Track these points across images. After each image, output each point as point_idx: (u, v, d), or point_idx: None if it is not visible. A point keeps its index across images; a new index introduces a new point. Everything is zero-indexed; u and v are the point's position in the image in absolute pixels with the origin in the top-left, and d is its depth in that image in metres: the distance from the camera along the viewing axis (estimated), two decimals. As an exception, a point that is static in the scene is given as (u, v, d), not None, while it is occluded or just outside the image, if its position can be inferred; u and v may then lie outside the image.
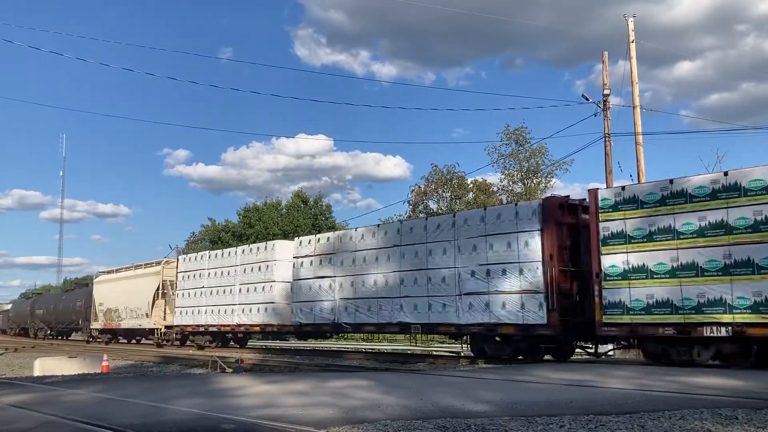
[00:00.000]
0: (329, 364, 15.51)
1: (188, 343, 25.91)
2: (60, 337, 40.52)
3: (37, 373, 16.73)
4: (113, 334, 31.85)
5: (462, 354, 17.96)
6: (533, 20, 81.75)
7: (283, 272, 21.32)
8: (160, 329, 26.60)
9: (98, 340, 32.60)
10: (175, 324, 25.62)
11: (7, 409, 7.14)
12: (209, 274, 24.21)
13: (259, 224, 51.45)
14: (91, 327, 32.87)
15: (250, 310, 21.93)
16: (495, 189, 40.93)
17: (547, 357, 15.01)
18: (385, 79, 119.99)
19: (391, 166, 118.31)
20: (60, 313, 38.78)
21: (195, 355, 19.66)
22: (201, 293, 24.39)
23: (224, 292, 23.21)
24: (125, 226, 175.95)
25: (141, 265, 30.44)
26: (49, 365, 17.46)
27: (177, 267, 26.43)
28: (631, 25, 22.62)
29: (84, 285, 42.34)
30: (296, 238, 21.44)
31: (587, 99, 23.63)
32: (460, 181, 40.48)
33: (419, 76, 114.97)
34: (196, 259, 25.49)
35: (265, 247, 22.40)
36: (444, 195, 41.60)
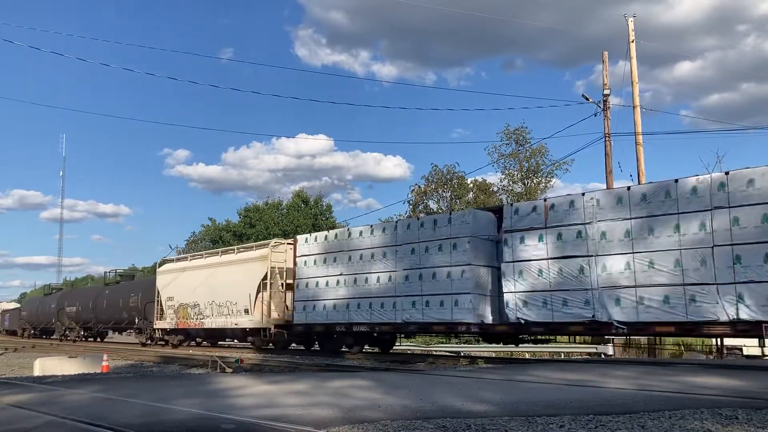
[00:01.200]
0: (329, 364, 15.51)
1: (316, 346, 21.41)
2: (96, 339, 36.23)
3: (37, 373, 16.72)
4: (187, 335, 26.11)
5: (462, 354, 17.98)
6: (533, 20, 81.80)
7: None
8: (269, 329, 20.61)
9: (163, 341, 26.91)
10: (295, 322, 19.57)
11: (7, 409, 7.13)
12: (351, 257, 17.94)
13: (260, 224, 51.49)
14: (155, 326, 26.81)
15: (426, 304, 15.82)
16: (495, 189, 40.94)
17: (545, 357, 15.07)
18: (385, 79, 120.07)
19: (392, 166, 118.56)
20: (103, 311, 32.75)
21: (195, 355, 19.65)
22: (343, 281, 18.07)
23: (379, 280, 17.04)
24: (125, 226, 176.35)
25: (233, 250, 24.22)
26: (49, 365, 17.46)
27: (295, 250, 19.98)
28: (631, 25, 22.64)
29: (129, 277, 37.12)
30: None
31: (587, 99, 23.66)
32: (460, 181, 40.49)
33: (420, 76, 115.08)
34: (326, 239, 18.96)
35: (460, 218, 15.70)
36: (444, 195, 41.61)
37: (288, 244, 21.29)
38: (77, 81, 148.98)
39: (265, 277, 20.71)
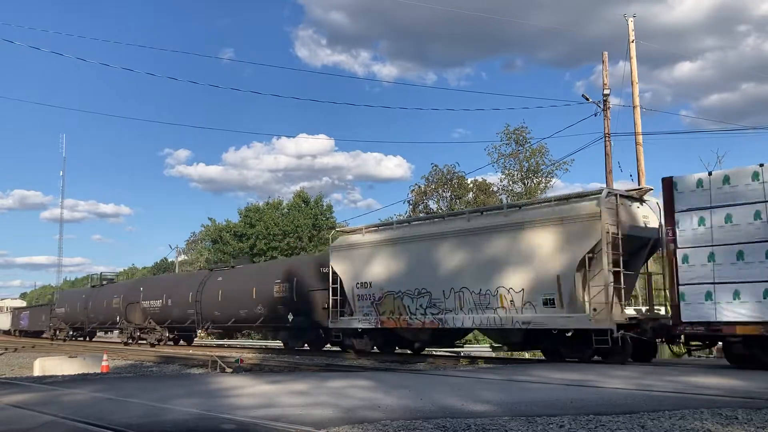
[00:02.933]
0: (329, 363, 15.51)
1: None
2: (182, 343, 29.12)
3: (37, 373, 16.73)
4: (391, 338, 17.77)
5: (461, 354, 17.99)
6: (534, 21, 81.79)
7: None
8: (610, 331, 12.54)
9: (362, 348, 18.05)
10: (693, 320, 11.51)
11: (7, 409, 7.13)
12: None
13: (260, 224, 51.49)
14: (331, 326, 18.41)
15: None
16: (495, 189, 40.98)
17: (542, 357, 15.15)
18: (385, 79, 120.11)
19: (392, 166, 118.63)
20: (218, 304, 24.16)
21: (194, 355, 19.65)
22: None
23: None
24: (126, 226, 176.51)
25: (502, 209, 15.87)
26: (48, 365, 17.46)
27: (671, 202, 12.02)
28: (631, 25, 22.63)
29: (249, 261, 30.86)
30: None
31: (587, 99, 23.66)
32: (460, 181, 40.55)
33: (420, 76, 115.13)
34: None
35: None
36: (444, 195, 41.65)
37: (634, 194, 14.40)
38: (77, 81, 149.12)
39: (592, 249, 13.13)
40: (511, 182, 40.46)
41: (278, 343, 27.98)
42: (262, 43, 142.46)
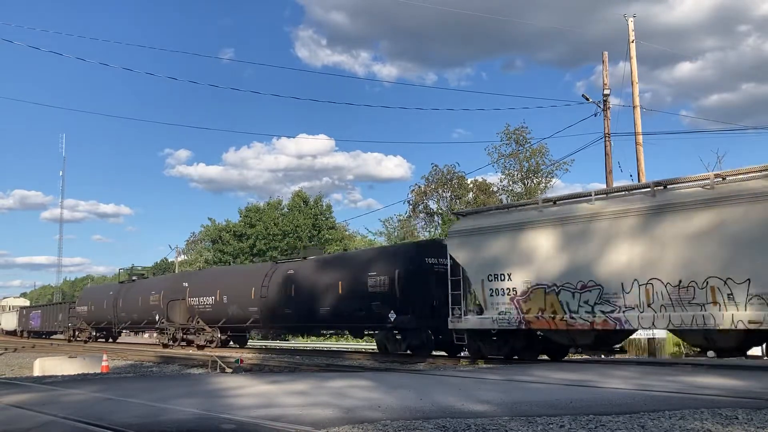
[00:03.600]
0: (329, 364, 15.52)
1: None
2: (233, 344, 25.62)
3: (36, 373, 16.74)
4: (548, 344, 14.60)
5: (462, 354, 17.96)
6: (534, 21, 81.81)
7: None
8: None
9: (493, 354, 14.92)
10: None
11: (7, 409, 7.13)
12: None
13: (260, 224, 51.51)
14: (463, 326, 14.86)
15: None
16: (495, 189, 40.98)
17: (544, 357, 15.11)
18: (386, 79, 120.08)
19: (393, 166, 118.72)
20: (290, 301, 20.73)
21: (194, 355, 19.66)
22: None
23: None
24: (126, 226, 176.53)
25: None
26: (48, 365, 17.47)
27: None
28: (631, 25, 22.64)
29: (320, 251, 26.97)
30: None
31: (587, 99, 23.68)
32: (460, 181, 40.55)
33: (420, 77, 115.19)
34: None
35: None
36: (444, 195, 41.66)
37: None
38: (77, 81, 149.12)
39: None
40: (511, 182, 40.47)
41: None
42: (263, 44, 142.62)
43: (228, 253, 51.85)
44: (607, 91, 23.02)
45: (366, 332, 20.53)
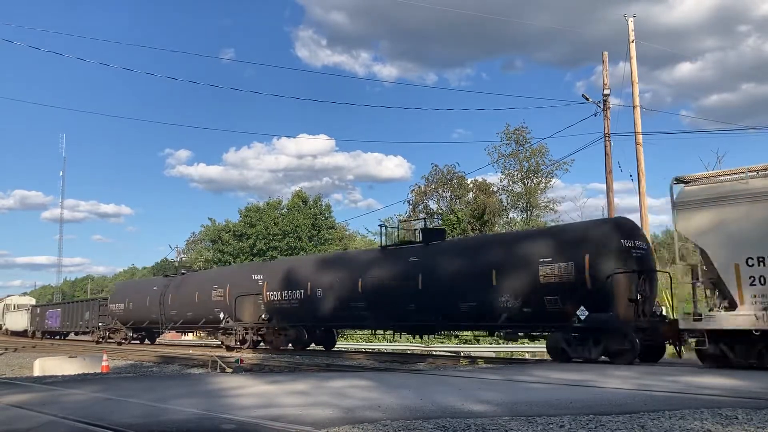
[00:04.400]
0: (329, 364, 15.51)
1: None
2: (319, 347, 22.27)
3: (36, 373, 16.74)
4: None
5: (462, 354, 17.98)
6: (534, 21, 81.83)
7: None
8: None
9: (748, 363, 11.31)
10: None
11: (7, 409, 7.13)
12: None
13: (260, 224, 51.52)
14: (708, 325, 11.48)
15: None
16: (495, 189, 40.98)
17: (545, 356, 15.10)
18: (386, 79, 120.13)
19: (393, 166, 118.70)
20: (417, 294, 16.94)
21: (194, 355, 19.65)
22: None
23: None
24: (127, 227, 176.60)
25: None
26: (48, 365, 17.46)
27: None
28: (631, 25, 22.64)
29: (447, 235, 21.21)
30: None
31: (587, 99, 23.68)
32: (460, 181, 40.54)
33: (420, 77, 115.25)
34: None
35: None
36: (444, 195, 41.65)
37: None
38: (77, 81, 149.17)
39: None
40: (511, 182, 40.47)
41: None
42: (263, 44, 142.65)
43: (228, 253, 51.85)
44: (607, 91, 23.02)
45: (534, 332, 15.79)
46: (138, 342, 30.73)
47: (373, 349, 26.59)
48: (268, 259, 46.81)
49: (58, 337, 40.90)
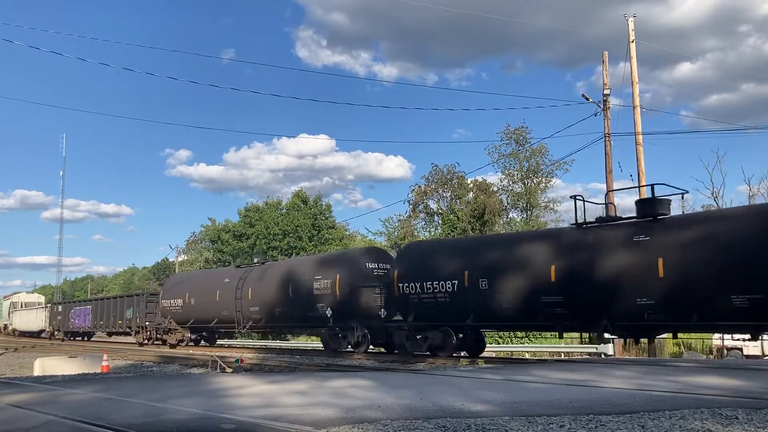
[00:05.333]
0: (329, 363, 15.50)
1: None
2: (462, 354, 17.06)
3: (37, 373, 16.75)
4: None
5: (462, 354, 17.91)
6: (534, 21, 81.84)
7: None
8: None
9: None
10: None
11: (7, 409, 7.13)
12: None
13: (260, 224, 51.52)
14: None
15: None
16: (495, 189, 40.98)
17: (545, 356, 15.07)
18: (386, 80, 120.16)
19: (393, 166, 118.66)
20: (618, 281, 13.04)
21: (194, 355, 19.64)
22: None
23: None
24: (127, 226, 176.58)
25: None
26: (48, 365, 17.47)
27: None
28: (631, 25, 22.64)
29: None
30: None
31: (587, 99, 23.68)
32: (460, 181, 40.53)
33: (421, 77, 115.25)
34: None
35: None
36: (444, 195, 41.64)
37: None
38: (77, 81, 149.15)
39: None
40: (511, 182, 40.47)
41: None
42: (263, 44, 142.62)
43: (228, 253, 51.87)
44: (607, 91, 23.02)
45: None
46: (192, 344, 26.06)
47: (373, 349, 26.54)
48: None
49: (83, 338, 36.80)
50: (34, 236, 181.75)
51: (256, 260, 25.46)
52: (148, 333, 27.99)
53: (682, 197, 14.06)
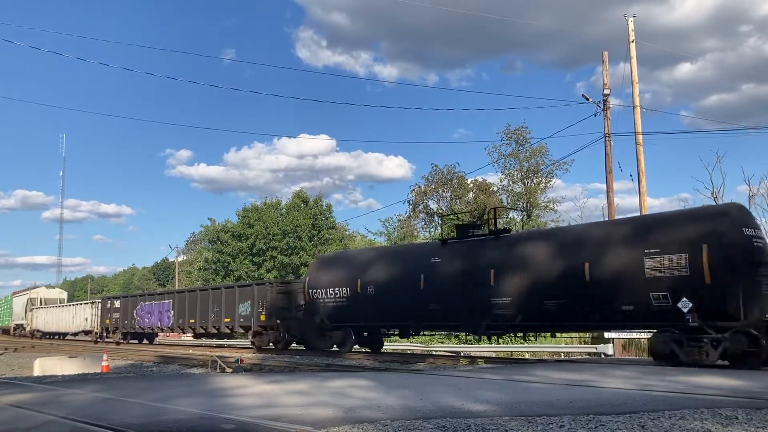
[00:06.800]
0: (329, 363, 15.50)
1: None
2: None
3: (36, 373, 16.76)
4: None
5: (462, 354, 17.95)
6: (534, 22, 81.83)
7: None
8: None
9: None
10: None
11: (7, 409, 7.13)
12: None
13: (259, 224, 51.51)
14: None
15: None
16: (495, 189, 40.97)
17: (545, 356, 15.07)
18: (387, 80, 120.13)
19: (394, 166, 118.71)
20: None
21: (194, 355, 19.64)
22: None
23: None
24: (127, 227, 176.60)
25: None
26: (48, 365, 17.48)
27: None
28: (631, 25, 22.64)
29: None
30: None
31: (587, 99, 23.68)
32: (460, 181, 40.52)
33: (421, 77, 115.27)
34: None
35: None
36: (444, 195, 41.63)
37: None
38: (77, 81, 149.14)
39: None
40: (511, 182, 40.45)
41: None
42: (264, 44, 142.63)
43: (227, 254, 51.87)
44: (607, 91, 23.02)
45: None
46: (355, 348, 19.95)
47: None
48: (268, 259, 46.24)
49: (140, 341, 30.95)
50: (35, 236, 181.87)
51: (472, 232, 17.29)
52: (280, 334, 21.55)
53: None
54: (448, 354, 22.95)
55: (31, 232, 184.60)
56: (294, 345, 22.87)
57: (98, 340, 33.42)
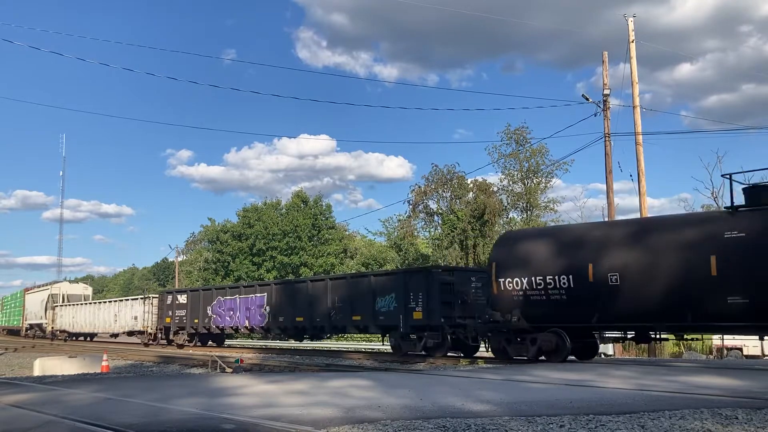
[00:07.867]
0: (329, 363, 15.50)
1: None
2: None
3: (36, 373, 16.75)
4: None
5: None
6: (534, 22, 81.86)
7: None
8: None
9: None
10: None
11: (7, 409, 7.13)
12: None
13: (259, 224, 51.51)
14: None
15: None
16: (495, 189, 40.94)
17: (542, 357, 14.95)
18: (387, 80, 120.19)
19: (394, 166, 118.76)
20: None
21: (194, 355, 19.65)
22: None
23: None
24: (128, 227, 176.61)
25: None
26: (48, 365, 17.48)
27: None
28: (631, 25, 22.64)
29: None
30: None
31: (587, 99, 23.70)
32: (460, 181, 40.49)
33: (422, 77, 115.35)
34: None
35: None
36: (444, 195, 41.61)
37: None
38: (77, 81, 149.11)
39: None
40: (511, 182, 40.43)
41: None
42: (264, 44, 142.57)
43: (227, 254, 51.86)
44: (607, 91, 23.03)
45: None
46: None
47: (373, 349, 26.56)
48: (267, 259, 46.30)
49: (214, 345, 26.24)
50: (35, 236, 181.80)
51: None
52: (445, 337, 17.31)
53: None
54: (448, 354, 18.69)
55: (31, 232, 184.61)
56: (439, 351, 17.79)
57: (150, 342, 28.52)
